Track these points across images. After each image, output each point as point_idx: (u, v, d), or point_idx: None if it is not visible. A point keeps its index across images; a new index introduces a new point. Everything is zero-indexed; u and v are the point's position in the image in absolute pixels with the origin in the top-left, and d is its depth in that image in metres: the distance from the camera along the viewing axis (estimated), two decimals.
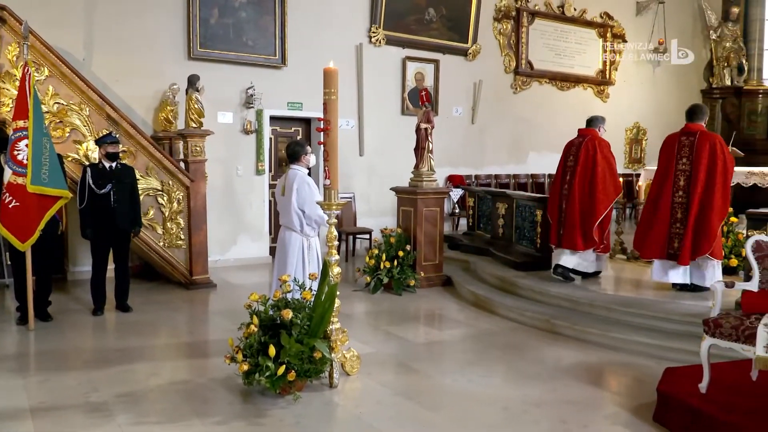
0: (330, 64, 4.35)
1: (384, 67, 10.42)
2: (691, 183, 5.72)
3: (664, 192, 5.89)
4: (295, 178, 5.25)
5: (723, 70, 14.20)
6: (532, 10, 12.09)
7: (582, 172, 6.51)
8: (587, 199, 6.47)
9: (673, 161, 5.88)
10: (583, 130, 6.89)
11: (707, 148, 5.67)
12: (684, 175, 5.80)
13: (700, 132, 5.82)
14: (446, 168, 10.98)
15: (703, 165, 5.65)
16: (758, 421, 3.42)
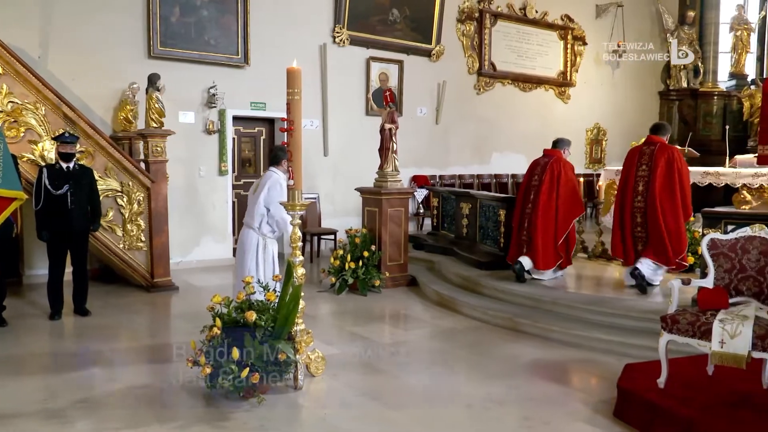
0: (293, 63, 4.32)
1: (348, 67, 10.41)
2: (648, 188, 6.05)
3: (627, 198, 6.23)
4: (269, 178, 5.36)
5: (679, 72, 14.55)
6: (494, 12, 12.22)
7: (547, 192, 6.69)
8: (552, 217, 6.66)
9: (634, 168, 6.24)
10: (548, 150, 7.05)
11: (665, 157, 6.07)
12: (643, 181, 6.14)
13: (660, 143, 6.22)
14: (411, 168, 11.02)
15: (660, 172, 6.01)
16: (714, 414, 3.51)
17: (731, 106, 14.18)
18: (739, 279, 4.11)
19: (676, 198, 6.00)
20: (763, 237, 4.09)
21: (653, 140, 6.26)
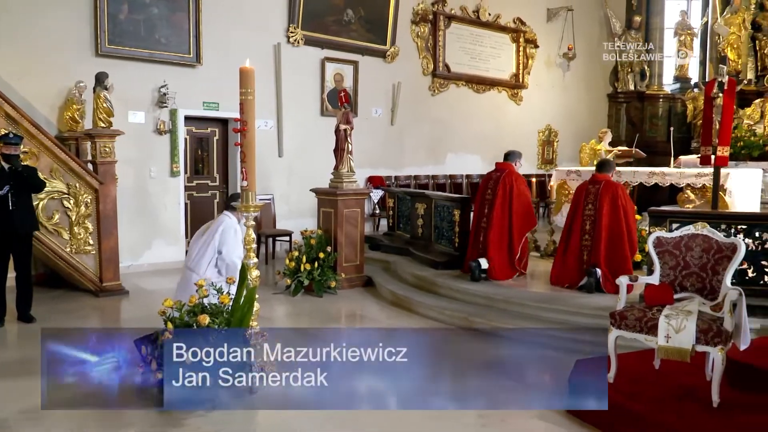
0: (246, 63, 4.27)
1: (303, 67, 10.35)
2: (595, 227, 6.25)
3: (573, 234, 6.41)
4: (223, 221, 5.36)
5: (627, 75, 14.97)
6: (448, 14, 12.33)
7: (500, 206, 6.84)
8: (506, 230, 6.84)
9: (581, 207, 6.42)
10: (500, 164, 7.17)
11: (609, 195, 6.25)
12: (589, 220, 6.32)
13: (606, 181, 6.37)
14: (366, 169, 11.02)
15: (605, 209, 6.20)
16: (662, 408, 3.62)
17: (676, 108, 14.66)
18: (684, 275, 4.25)
19: (623, 235, 6.15)
20: (705, 235, 4.24)
21: (598, 179, 6.41)
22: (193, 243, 5.54)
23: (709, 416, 3.57)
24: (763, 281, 5.44)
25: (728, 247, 4.14)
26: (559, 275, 6.52)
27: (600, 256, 6.15)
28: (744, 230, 5.46)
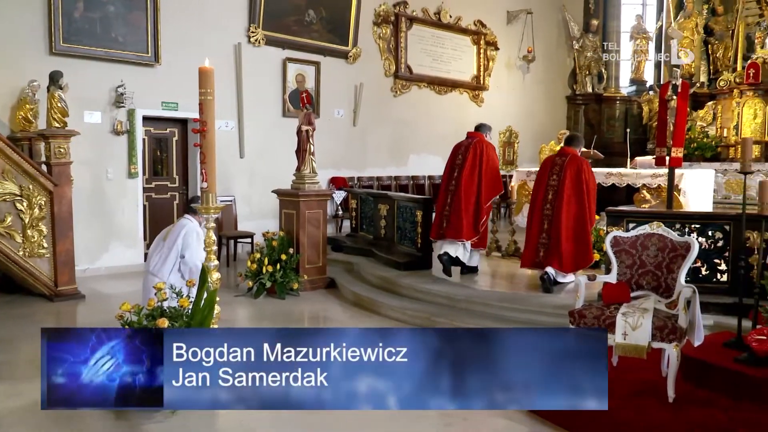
0: (206, 63, 4.21)
1: (264, 67, 10.26)
2: (556, 197, 6.32)
3: (536, 205, 6.51)
4: (184, 226, 5.31)
5: (585, 77, 15.28)
6: (410, 16, 12.38)
7: (470, 169, 6.90)
8: (474, 193, 6.89)
9: (546, 178, 6.49)
10: (472, 132, 7.25)
11: (574, 168, 6.35)
12: (552, 190, 6.39)
13: (572, 155, 6.48)
14: (329, 170, 10.99)
15: (569, 182, 6.29)
16: (619, 403, 3.69)
17: (632, 110, 15.02)
18: (640, 274, 4.35)
19: (584, 207, 6.27)
20: (660, 234, 4.35)
21: (566, 152, 6.53)
22: (154, 248, 5.44)
23: (666, 411, 3.66)
24: (715, 279, 5.61)
25: (682, 245, 4.25)
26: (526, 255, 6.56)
27: (560, 226, 6.21)
28: (697, 229, 5.61)
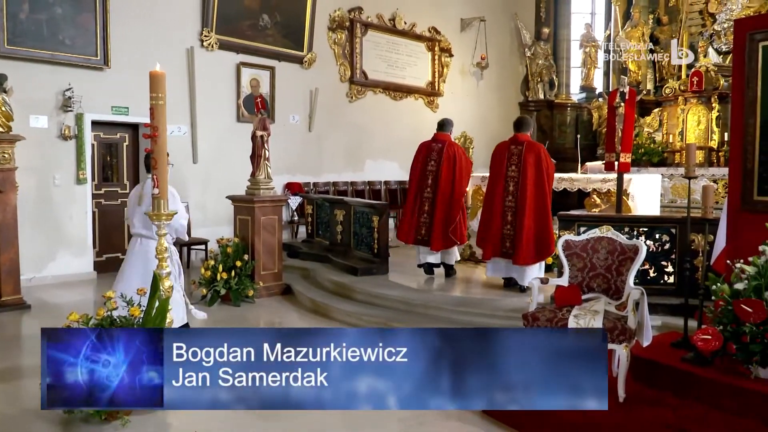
0: (156, 67, 4.13)
1: (217, 72, 10.13)
2: (519, 188, 6.30)
3: (496, 196, 6.46)
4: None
5: (537, 84, 15.57)
6: (365, 22, 12.42)
7: (448, 177, 6.97)
8: (455, 202, 7.00)
9: (504, 168, 6.43)
10: (439, 134, 7.27)
11: (533, 156, 6.32)
12: (513, 181, 6.37)
13: (527, 142, 6.47)
14: (284, 175, 10.92)
15: (530, 172, 6.27)
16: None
17: (582, 116, 15.38)
18: (591, 277, 4.45)
19: (546, 197, 6.31)
20: (610, 237, 4.46)
21: (520, 138, 6.47)
22: (132, 213, 5.30)
23: (617, 411, 3.75)
24: (663, 281, 5.78)
25: (631, 248, 4.37)
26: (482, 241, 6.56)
27: (524, 218, 6.20)
28: (645, 232, 5.78)
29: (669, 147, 13.17)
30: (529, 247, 6.21)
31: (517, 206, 6.30)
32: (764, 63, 4.12)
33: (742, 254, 3.91)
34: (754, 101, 4.15)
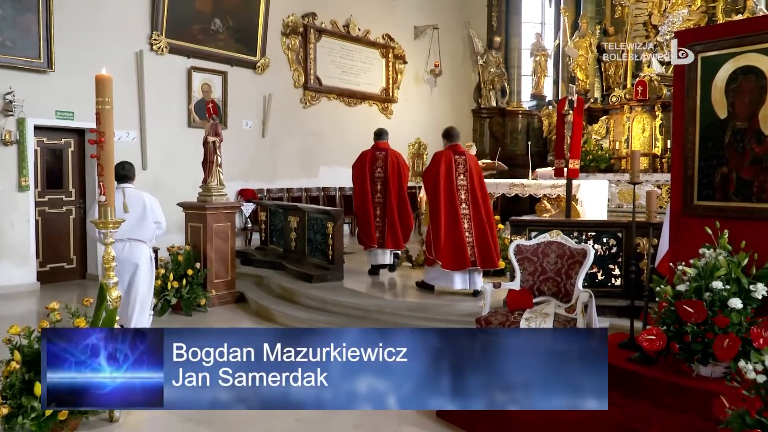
0: (103, 70, 4.03)
1: (168, 76, 9.95)
2: (470, 196, 6.50)
3: (454, 206, 6.45)
4: (141, 195, 5.50)
5: (489, 92, 15.81)
6: (319, 28, 12.40)
7: (397, 183, 7.53)
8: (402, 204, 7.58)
9: (453, 177, 6.50)
10: (380, 143, 7.78)
11: (476, 165, 6.64)
12: (464, 190, 6.51)
13: (468, 153, 6.73)
14: (237, 182, 10.79)
15: (477, 180, 6.52)
16: None
17: (533, 124, 15.68)
18: (541, 280, 4.54)
19: (489, 205, 6.65)
20: (559, 242, 4.56)
21: (460, 149, 6.66)
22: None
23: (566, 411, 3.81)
24: (610, 283, 5.93)
25: (579, 252, 4.47)
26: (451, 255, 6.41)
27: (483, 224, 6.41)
28: (593, 237, 5.92)
29: (616, 154, 13.54)
30: (492, 252, 6.45)
31: (472, 215, 6.47)
32: (703, 74, 4.28)
33: (684, 257, 4.04)
34: (694, 110, 4.30)
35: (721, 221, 3.99)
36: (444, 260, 6.37)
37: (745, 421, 2.74)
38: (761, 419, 2.66)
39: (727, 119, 4.15)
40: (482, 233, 6.42)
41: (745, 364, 2.79)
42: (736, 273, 3.71)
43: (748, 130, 4.05)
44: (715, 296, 3.66)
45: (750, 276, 3.73)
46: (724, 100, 4.15)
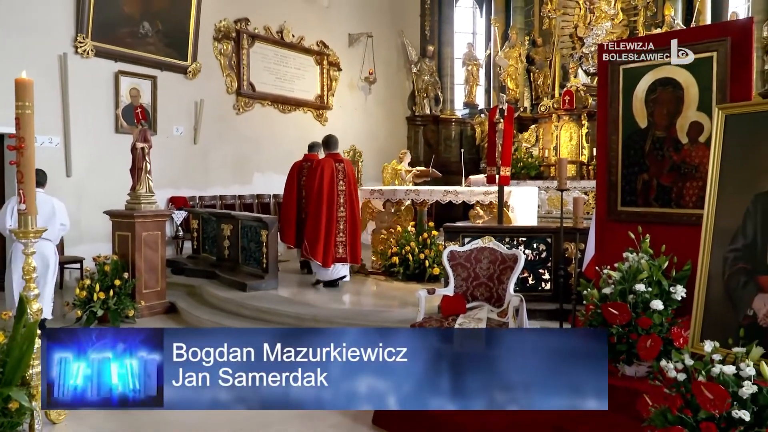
0: (23, 74, 3.86)
1: (94, 80, 9.59)
2: (346, 201, 7.41)
3: (333, 208, 7.36)
4: (50, 198, 6.23)
5: (423, 100, 16.01)
6: (252, 33, 12.25)
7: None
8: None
9: (335, 182, 7.36)
10: (308, 155, 8.38)
11: (351, 172, 7.54)
12: (343, 194, 7.41)
13: (346, 160, 7.64)
14: (168, 189, 10.50)
15: (352, 187, 7.48)
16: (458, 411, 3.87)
17: (466, 131, 15.98)
18: (474, 286, 4.62)
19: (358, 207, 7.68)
20: (491, 248, 4.65)
21: (339, 158, 7.59)
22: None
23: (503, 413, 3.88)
24: (541, 287, 6.10)
25: (511, 258, 4.58)
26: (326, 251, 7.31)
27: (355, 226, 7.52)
28: (524, 242, 6.08)
29: (545, 161, 13.96)
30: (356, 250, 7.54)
31: (347, 217, 7.43)
32: (625, 84, 4.48)
33: (609, 261, 4.21)
34: (617, 119, 4.49)
35: (643, 226, 4.17)
36: (319, 257, 7.27)
37: (666, 418, 2.86)
38: (681, 416, 2.79)
39: (648, 128, 4.36)
40: (353, 233, 7.48)
41: (666, 363, 2.92)
42: (657, 276, 3.89)
43: (667, 139, 4.26)
44: (638, 298, 3.82)
45: (670, 278, 3.92)
46: (645, 110, 4.36)
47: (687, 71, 4.16)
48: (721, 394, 2.67)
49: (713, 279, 3.43)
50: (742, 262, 3.31)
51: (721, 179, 3.51)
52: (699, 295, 3.48)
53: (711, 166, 3.56)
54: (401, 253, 7.91)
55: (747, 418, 2.61)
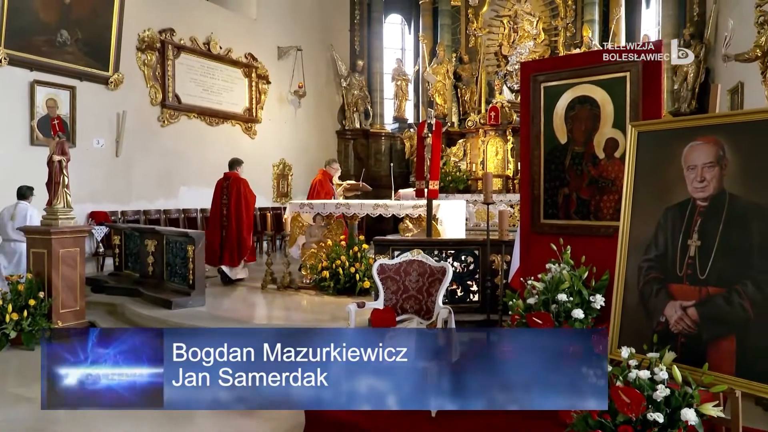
0: None
1: (7, 90, 9.13)
2: (229, 211, 8.79)
3: (216, 217, 8.97)
4: (27, 208, 7.47)
5: (353, 114, 16.09)
6: (177, 44, 11.99)
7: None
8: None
9: (220, 196, 8.94)
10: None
11: (237, 188, 8.85)
12: (226, 207, 8.84)
13: (234, 176, 8.95)
14: (87, 204, 10.09)
15: (234, 199, 8.79)
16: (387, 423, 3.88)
17: (396, 145, 16.15)
18: (404, 298, 4.66)
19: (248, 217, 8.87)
20: (420, 260, 4.71)
21: (228, 175, 8.99)
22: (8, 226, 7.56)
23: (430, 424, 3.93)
24: (469, 299, 6.21)
25: (439, 270, 4.65)
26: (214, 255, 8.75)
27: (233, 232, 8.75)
28: (453, 255, 6.19)
29: (473, 175, 14.28)
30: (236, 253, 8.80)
31: (229, 224, 8.77)
32: (546, 101, 4.66)
33: (533, 272, 4.34)
34: (539, 135, 4.66)
35: (565, 238, 4.33)
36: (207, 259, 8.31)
37: (588, 423, 2.97)
38: (601, 420, 2.90)
39: (567, 144, 4.54)
40: (230, 239, 8.76)
41: None
42: (578, 286, 4.04)
43: (585, 154, 4.45)
44: (561, 308, 3.95)
45: (590, 288, 4.08)
46: (564, 127, 4.54)
47: (603, 90, 4.37)
48: (637, 398, 2.79)
49: (629, 288, 3.60)
50: (655, 271, 3.49)
51: (635, 193, 3.69)
52: (616, 304, 3.63)
53: (626, 181, 3.74)
54: (332, 267, 7.89)
55: (661, 419, 2.75)
